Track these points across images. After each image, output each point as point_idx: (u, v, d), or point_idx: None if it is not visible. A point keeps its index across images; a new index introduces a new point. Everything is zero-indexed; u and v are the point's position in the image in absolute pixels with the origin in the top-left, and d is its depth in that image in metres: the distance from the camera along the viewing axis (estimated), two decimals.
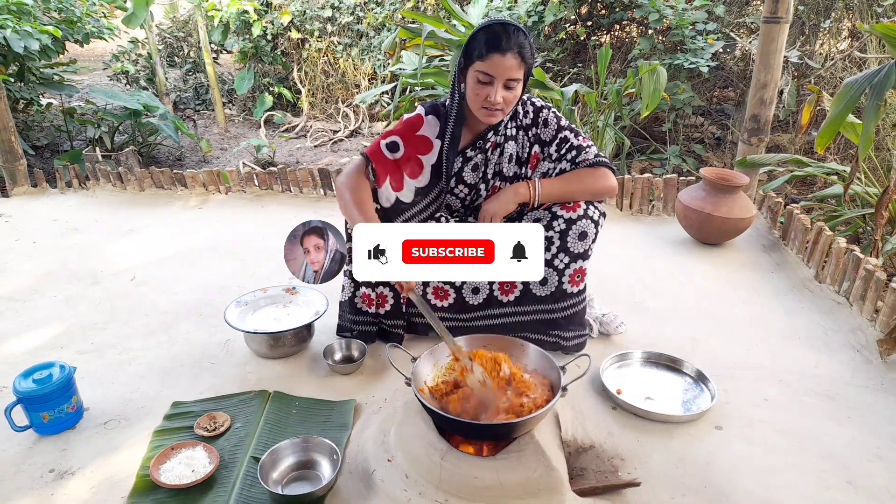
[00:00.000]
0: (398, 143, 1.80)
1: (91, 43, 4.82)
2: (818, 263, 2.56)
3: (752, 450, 1.59)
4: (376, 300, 1.94)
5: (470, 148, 1.84)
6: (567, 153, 1.83)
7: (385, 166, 1.79)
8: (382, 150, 1.79)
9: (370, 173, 1.79)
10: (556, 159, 1.84)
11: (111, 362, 1.99)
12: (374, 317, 1.97)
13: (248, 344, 2.00)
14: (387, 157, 1.79)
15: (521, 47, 1.60)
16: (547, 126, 1.84)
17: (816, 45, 4.57)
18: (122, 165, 4.09)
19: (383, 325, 2.00)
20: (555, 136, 1.84)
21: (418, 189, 1.83)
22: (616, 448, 1.59)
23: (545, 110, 1.85)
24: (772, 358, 2.02)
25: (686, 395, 1.80)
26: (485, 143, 1.82)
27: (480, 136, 1.82)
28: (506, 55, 1.59)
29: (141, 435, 1.64)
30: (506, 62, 1.59)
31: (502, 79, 1.62)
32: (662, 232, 3.12)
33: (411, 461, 1.43)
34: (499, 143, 1.84)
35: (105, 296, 2.45)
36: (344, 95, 6.26)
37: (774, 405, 1.77)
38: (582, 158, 1.82)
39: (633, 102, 4.12)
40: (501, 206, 1.79)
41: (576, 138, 1.84)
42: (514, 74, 1.62)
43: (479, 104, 1.67)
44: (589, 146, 1.84)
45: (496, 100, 1.63)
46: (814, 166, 3.07)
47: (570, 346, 1.94)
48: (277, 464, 1.49)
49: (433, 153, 1.82)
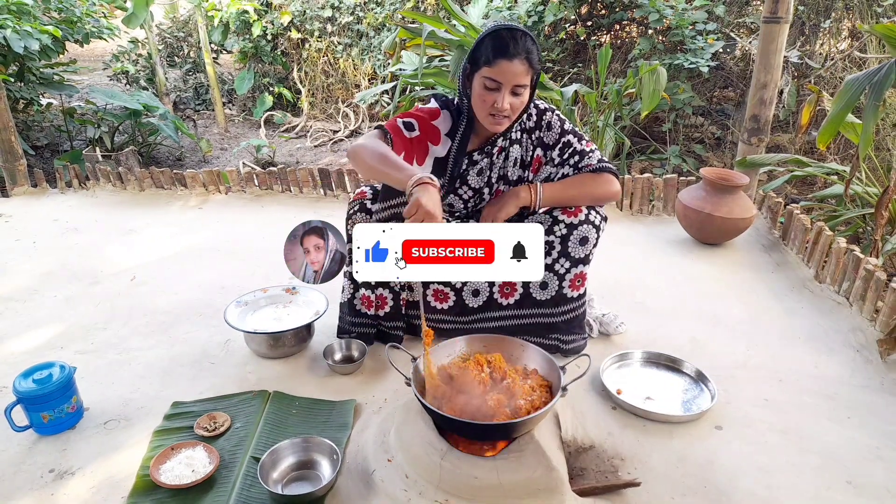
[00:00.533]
0: (414, 124, 1.75)
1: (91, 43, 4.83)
2: (818, 263, 2.56)
3: (752, 449, 1.59)
4: (375, 302, 1.94)
5: (477, 152, 1.82)
6: (570, 158, 1.82)
7: (402, 141, 1.74)
8: (400, 127, 1.75)
9: (388, 141, 1.72)
10: (559, 164, 1.83)
11: (111, 362, 1.99)
12: (373, 318, 1.97)
13: (247, 344, 2.00)
14: (404, 134, 1.74)
15: (528, 53, 1.57)
16: (550, 129, 1.83)
17: (816, 45, 4.57)
18: (122, 165, 4.09)
19: (382, 326, 1.99)
20: (558, 139, 1.82)
21: None
22: (616, 448, 1.59)
23: (549, 113, 1.83)
24: (772, 358, 2.02)
25: (686, 395, 1.80)
26: (492, 148, 1.81)
27: (489, 140, 1.80)
28: (513, 61, 1.56)
29: (141, 435, 1.64)
30: (513, 68, 1.57)
31: (510, 85, 1.59)
32: (662, 232, 3.12)
33: (411, 461, 1.44)
34: (504, 148, 1.82)
35: (105, 296, 2.45)
36: (344, 95, 6.27)
37: (774, 405, 1.77)
38: (585, 164, 1.81)
39: (633, 102, 4.12)
40: (503, 209, 1.79)
41: (579, 143, 1.82)
42: (522, 80, 1.60)
43: (485, 111, 1.64)
44: (592, 151, 1.82)
45: (503, 106, 1.60)
46: (814, 166, 3.07)
47: (569, 350, 1.94)
48: (277, 464, 1.49)
49: (441, 147, 1.78)
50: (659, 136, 4.59)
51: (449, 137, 1.78)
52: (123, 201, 3.60)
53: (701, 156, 4.38)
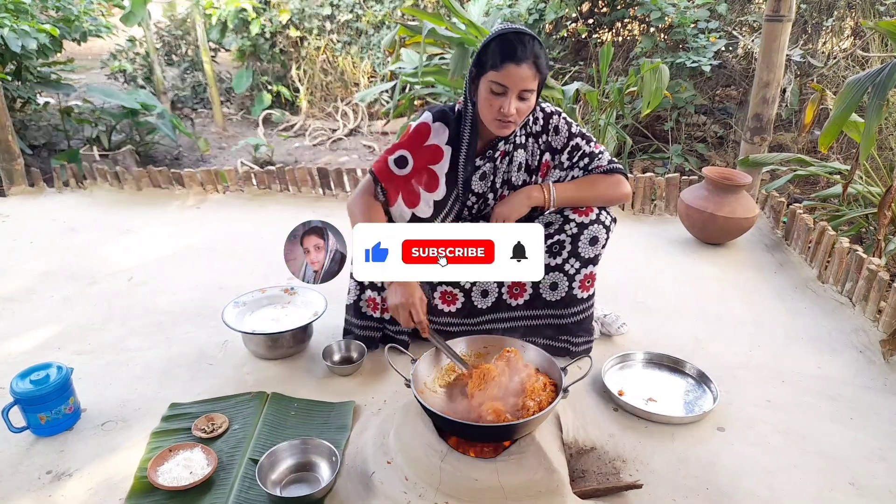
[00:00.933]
0: (406, 158, 1.76)
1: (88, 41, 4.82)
2: (821, 263, 2.56)
3: (755, 451, 1.59)
4: (382, 304, 1.92)
5: (479, 157, 1.81)
6: (579, 161, 1.81)
7: (395, 184, 1.76)
8: (390, 168, 1.76)
9: (379, 193, 1.77)
10: (568, 167, 1.82)
11: (109, 363, 1.99)
12: (378, 322, 1.95)
13: (246, 345, 2.00)
14: (395, 175, 1.75)
15: (536, 57, 1.56)
16: (558, 133, 1.81)
17: (819, 43, 4.57)
18: (120, 165, 4.09)
19: (388, 331, 1.98)
20: (566, 143, 1.81)
21: (437, 202, 1.79)
22: (618, 450, 1.59)
23: (555, 116, 1.81)
24: (774, 358, 2.02)
25: (688, 397, 1.80)
26: (494, 152, 1.80)
27: (490, 144, 1.79)
28: (521, 65, 1.55)
29: (139, 436, 1.64)
30: (521, 72, 1.55)
31: (517, 89, 1.58)
32: (664, 232, 3.12)
33: (411, 463, 1.43)
34: (507, 152, 1.81)
35: (103, 296, 2.45)
36: (343, 94, 6.27)
37: (777, 406, 1.77)
38: (595, 165, 1.80)
39: (635, 101, 4.12)
40: (514, 209, 1.77)
41: (587, 145, 1.81)
42: (529, 85, 1.58)
43: (492, 115, 1.63)
44: (602, 152, 1.82)
45: (510, 111, 1.59)
46: (816, 165, 3.07)
47: (579, 351, 1.94)
48: (276, 466, 1.49)
49: (444, 161, 1.77)
50: (661, 135, 4.59)
51: (450, 146, 1.77)
52: (121, 201, 3.60)
53: (703, 155, 4.37)
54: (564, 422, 1.62)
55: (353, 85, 6.21)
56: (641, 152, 4.48)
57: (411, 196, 1.77)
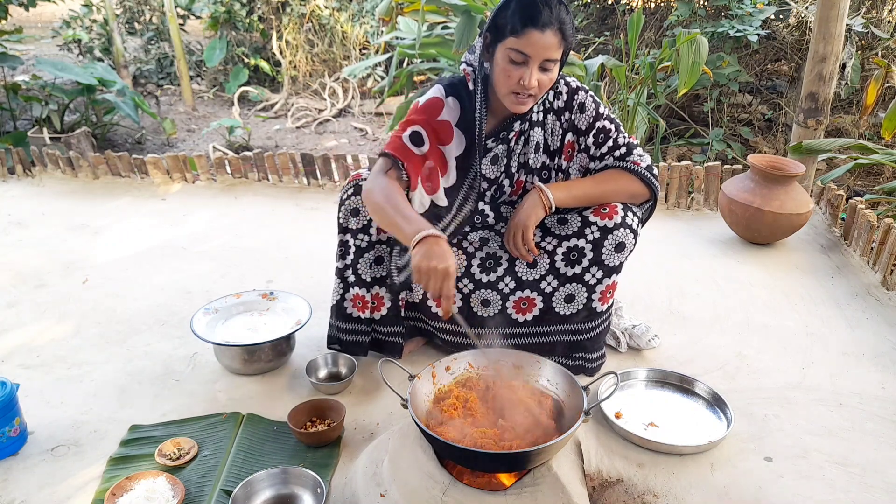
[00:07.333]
0: (422, 134, 1.73)
1: (38, 6, 4.84)
2: (885, 267, 2.55)
3: (808, 485, 1.59)
4: (370, 303, 1.92)
5: (492, 138, 1.80)
6: (613, 150, 1.81)
7: (415, 165, 1.72)
8: (407, 146, 1.72)
9: (403, 174, 1.70)
10: (598, 157, 1.82)
11: (60, 378, 2.00)
12: (366, 324, 1.95)
13: (218, 358, 2.01)
14: (415, 153, 1.72)
15: (562, 22, 1.56)
16: (584, 112, 1.81)
17: (884, 11, 4.55)
18: (74, 149, 4.11)
19: (378, 333, 1.98)
20: (592, 124, 1.81)
21: (447, 189, 1.79)
22: (648, 482, 1.59)
23: (581, 93, 1.81)
24: (830, 378, 2.02)
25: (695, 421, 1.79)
26: (508, 133, 1.79)
27: (504, 123, 1.79)
28: (545, 31, 1.54)
29: (94, 463, 1.65)
30: (545, 40, 1.54)
31: (539, 59, 1.57)
32: (703, 229, 3.11)
33: (408, 496, 1.43)
34: (523, 132, 1.81)
35: (53, 301, 2.46)
36: (331, 68, 6.27)
37: (833, 433, 1.77)
38: (632, 161, 1.80)
39: (669, 78, 4.11)
40: (530, 216, 1.77)
41: (619, 133, 1.82)
42: (553, 55, 1.58)
43: (508, 88, 1.62)
44: (639, 147, 1.82)
45: (531, 83, 1.58)
46: (881, 153, 3.06)
47: (594, 368, 1.94)
48: (252, 498, 1.49)
49: (454, 143, 1.77)
50: (699, 118, 4.59)
51: (459, 128, 1.77)
52: (74, 191, 3.61)
53: (748, 140, 4.37)
54: (586, 449, 1.62)
55: (343, 58, 6.22)
56: (677, 137, 4.48)
57: (431, 180, 1.75)
